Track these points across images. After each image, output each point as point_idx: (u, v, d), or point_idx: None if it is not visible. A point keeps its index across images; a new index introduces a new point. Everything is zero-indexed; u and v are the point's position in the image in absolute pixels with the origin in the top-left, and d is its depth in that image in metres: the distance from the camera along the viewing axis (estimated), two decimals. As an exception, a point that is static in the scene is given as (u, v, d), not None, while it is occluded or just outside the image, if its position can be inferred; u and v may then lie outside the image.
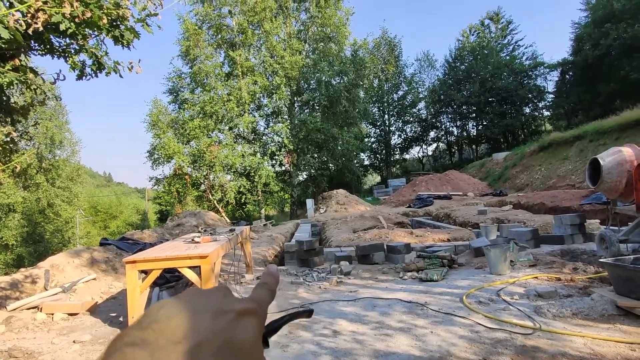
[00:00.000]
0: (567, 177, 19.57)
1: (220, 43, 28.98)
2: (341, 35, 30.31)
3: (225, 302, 0.32)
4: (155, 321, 0.29)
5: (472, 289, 5.00)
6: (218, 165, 25.77)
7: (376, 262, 7.41)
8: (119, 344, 0.26)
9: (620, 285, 4.04)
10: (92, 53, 3.17)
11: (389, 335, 3.74)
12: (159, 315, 0.29)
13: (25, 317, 5.06)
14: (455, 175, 27.27)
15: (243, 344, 0.29)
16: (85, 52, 3.17)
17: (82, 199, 35.98)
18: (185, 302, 0.31)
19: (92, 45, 3.24)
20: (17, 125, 3.94)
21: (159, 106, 27.80)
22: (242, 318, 0.31)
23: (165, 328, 0.28)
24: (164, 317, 0.29)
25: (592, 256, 6.38)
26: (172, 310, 0.30)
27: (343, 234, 11.58)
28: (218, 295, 0.33)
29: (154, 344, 0.26)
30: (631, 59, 26.68)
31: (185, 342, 0.27)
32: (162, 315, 0.29)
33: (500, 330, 3.67)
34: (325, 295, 5.42)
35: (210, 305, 0.31)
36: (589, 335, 3.39)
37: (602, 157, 6.28)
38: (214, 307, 0.31)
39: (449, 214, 15.48)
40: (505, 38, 41.81)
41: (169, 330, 0.28)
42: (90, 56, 3.19)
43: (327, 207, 22.42)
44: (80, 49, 3.17)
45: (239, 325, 0.30)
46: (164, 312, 0.30)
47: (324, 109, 28.94)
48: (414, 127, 46.45)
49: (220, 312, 0.30)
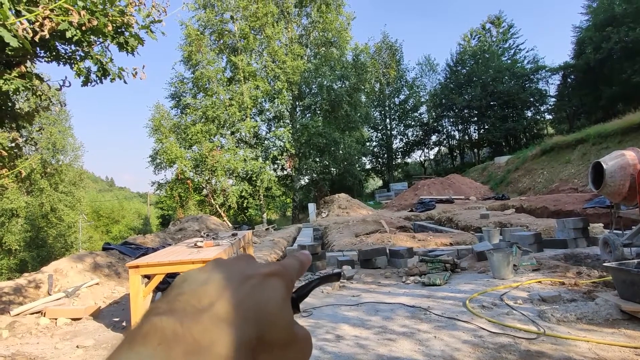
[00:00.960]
0: (569, 180, 19.52)
1: (222, 48, 29.14)
2: (342, 40, 30.43)
3: (249, 268, 0.32)
4: (180, 293, 0.29)
5: (475, 293, 4.98)
6: (220, 169, 25.82)
7: (379, 266, 7.39)
8: (148, 316, 0.26)
9: (624, 289, 4.02)
10: (97, 59, 3.21)
11: (392, 340, 3.73)
12: (183, 287, 0.29)
13: (29, 322, 5.07)
14: (457, 179, 27.23)
15: (269, 304, 0.29)
16: (90, 59, 3.21)
17: (84, 204, 36.09)
18: (209, 272, 0.31)
19: (97, 51, 3.27)
20: (22, 130, 3.97)
21: (161, 111, 27.94)
22: (267, 280, 0.31)
23: (191, 298, 0.28)
24: (189, 289, 0.29)
25: (596, 260, 6.36)
26: (196, 280, 0.30)
27: (345, 238, 11.57)
28: (241, 263, 0.33)
29: (181, 312, 0.27)
30: (633, 62, 26.67)
31: (213, 308, 0.27)
32: (186, 287, 0.29)
33: (504, 334, 3.65)
34: (328, 299, 5.41)
35: (234, 272, 0.31)
36: (593, 340, 3.37)
37: (604, 161, 6.27)
38: (238, 274, 0.31)
39: (451, 217, 15.45)
40: (507, 42, 41.88)
41: (196, 299, 0.28)
42: (95, 63, 3.22)
43: (329, 211, 22.42)
44: (86, 55, 3.20)
45: (264, 287, 0.30)
46: (188, 284, 0.30)
47: (326, 113, 29.01)
48: (415, 131, 46.49)
49: (245, 278, 0.31)
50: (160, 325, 0.25)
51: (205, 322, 0.26)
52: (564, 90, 37.10)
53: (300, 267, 0.37)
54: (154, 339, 0.24)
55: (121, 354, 0.24)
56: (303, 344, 0.32)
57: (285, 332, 0.30)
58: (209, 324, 0.26)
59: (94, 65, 3.26)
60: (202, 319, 0.26)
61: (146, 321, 0.26)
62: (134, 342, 0.24)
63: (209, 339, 0.25)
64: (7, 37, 2.20)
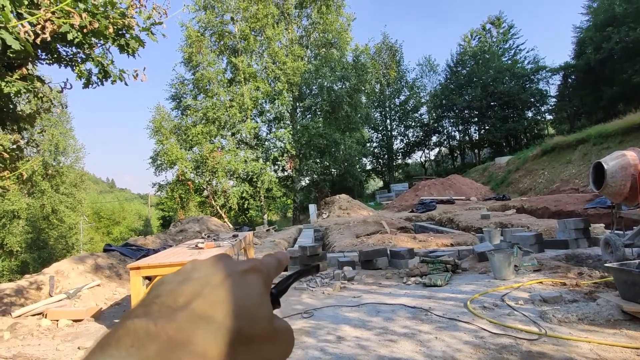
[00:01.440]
0: (570, 181, 19.50)
1: (222, 49, 29.19)
2: (343, 41, 30.46)
3: (226, 266, 0.32)
4: (157, 296, 0.29)
5: (476, 294, 4.98)
6: (221, 171, 25.85)
7: (379, 267, 7.39)
8: (123, 321, 0.26)
9: (626, 290, 4.02)
10: (98, 62, 3.22)
11: (393, 341, 3.72)
12: (160, 290, 0.29)
13: (30, 324, 5.07)
14: (458, 179, 27.22)
15: (247, 299, 0.30)
16: (91, 61, 3.22)
17: (85, 205, 36.15)
18: (187, 273, 0.31)
19: (98, 54, 3.29)
20: (23, 132, 3.98)
21: (162, 112, 27.99)
22: (244, 276, 0.31)
23: (167, 299, 0.28)
24: (165, 291, 0.29)
25: (597, 261, 6.35)
26: (173, 282, 0.30)
27: (346, 239, 11.57)
28: (218, 262, 0.33)
29: (156, 313, 0.26)
30: (634, 63, 26.66)
31: (189, 306, 0.27)
32: (163, 290, 0.29)
33: (505, 335, 3.65)
34: (328, 300, 5.41)
35: (211, 271, 0.31)
36: (595, 341, 3.37)
37: (605, 161, 6.27)
38: (215, 272, 0.31)
39: (452, 218, 15.44)
40: (507, 42, 41.88)
41: (171, 299, 0.28)
42: (96, 65, 3.23)
43: (330, 212, 22.42)
44: (87, 57, 3.21)
45: (242, 283, 0.31)
46: (165, 286, 0.30)
47: (326, 114, 29.03)
48: (416, 131, 46.50)
49: (222, 276, 0.31)
50: (133, 327, 0.25)
51: (181, 320, 0.26)
52: (564, 91, 37.09)
53: (277, 264, 0.38)
54: (127, 340, 0.24)
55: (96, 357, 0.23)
56: (284, 338, 0.32)
57: (265, 326, 0.30)
58: (185, 322, 0.26)
59: (95, 68, 3.27)
60: (177, 318, 0.26)
61: (120, 325, 0.25)
62: (107, 346, 0.24)
63: (185, 336, 0.25)
64: (9, 39, 2.22)
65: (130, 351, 0.23)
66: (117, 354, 0.23)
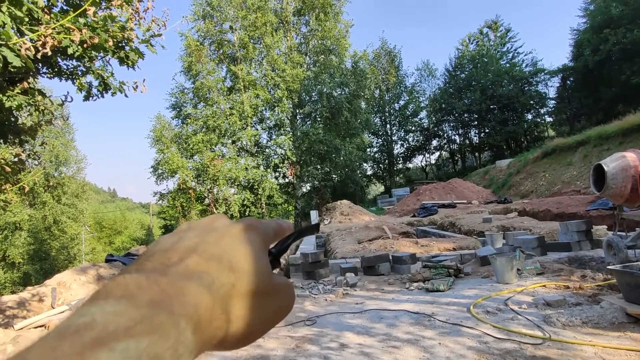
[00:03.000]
0: (572, 182, 19.47)
1: (222, 58, 29.37)
2: (341, 47, 30.63)
3: (222, 224, 0.33)
4: (151, 255, 0.28)
5: (479, 299, 4.96)
6: (222, 178, 25.88)
7: (382, 272, 7.37)
8: (114, 277, 0.25)
9: (629, 292, 4.00)
10: (99, 74, 3.25)
11: (396, 347, 3.71)
12: (154, 250, 0.29)
13: (33, 336, 5.06)
14: (459, 183, 27.18)
15: (244, 254, 0.30)
16: (91, 74, 3.25)
17: (87, 215, 36.17)
18: (182, 233, 0.31)
19: (98, 66, 3.32)
20: (25, 145, 4.01)
21: (162, 122, 28.12)
22: (241, 233, 0.32)
23: (160, 257, 0.28)
24: (159, 250, 0.29)
25: (600, 263, 6.32)
26: (168, 242, 0.30)
27: (348, 245, 11.54)
28: (215, 221, 0.33)
29: (149, 270, 0.26)
30: (632, 64, 26.74)
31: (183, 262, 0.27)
32: (157, 249, 0.29)
33: (509, 340, 3.63)
34: (331, 307, 5.40)
35: (207, 230, 0.31)
36: (599, 344, 3.35)
37: (605, 163, 6.26)
38: (211, 230, 0.31)
39: (454, 222, 15.40)
40: (505, 46, 42.07)
41: (165, 258, 0.28)
42: (96, 77, 3.27)
43: (331, 218, 22.38)
44: (87, 70, 3.25)
45: (239, 239, 0.31)
46: (159, 246, 0.30)
47: (326, 121, 29.11)
48: (416, 136, 46.57)
49: (219, 233, 0.31)
50: (124, 281, 0.24)
51: (174, 275, 0.26)
52: (563, 93, 37.18)
53: (277, 227, 0.38)
54: (117, 292, 0.23)
55: (83, 309, 0.23)
56: (284, 294, 0.32)
57: (262, 281, 0.30)
58: (177, 277, 0.26)
59: (95, 80, 3.30)
60: (171, 273, 0.26)
61: (111, 280, 0.25)
62: (96, 298, 0.23)
63: (178, 289, 0.25)
64: (10, 57, 2.24)
65: (121, 301, 0.23)
66: (105, 303, 0.22)
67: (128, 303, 0.22)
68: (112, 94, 3.38)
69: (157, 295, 0.23)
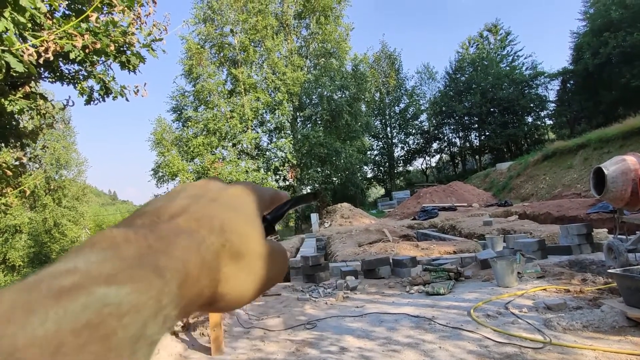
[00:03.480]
0: (572, 185, 19.47)
1: (222, 61, 29.45)
2: (342, 51, 30.73)
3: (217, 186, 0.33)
4: (142, 213, 0.28)
5: (480, 302, 4.95)
6: (222, 181, 25.86)
7: (382, 276, 7.36)
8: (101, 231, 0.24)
9: (629, 296, 4.00)
10: (100, 79, 3.27)
11: (396, 351, 3.70)
12: (146, 209, 0.29)
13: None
14: (460, 186, 27.18)
15: (235, 216, 0.29)
16: (93, 78, 3.27)
17: (87, 218, 36.17)
18: (175, 193, 0.31)
19: (99, 71, 3.34)
20: (26, 149, 4.03)
21: (162, 124, 28.17)
22: (235, 195, 0.32)
23: (151, 215, 0.27)
24: (151, 209, 0.28)
25: (601, 266, 6.31)
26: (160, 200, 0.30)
27: (348, 248, 11.54)
28: (209, 183, 0.33)
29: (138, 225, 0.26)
30: (631, 67, 26.80)
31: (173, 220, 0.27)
32: (149, 208, 0.29)
33: (509, 344, 3.63)
34: (331, 311, 5.39)
35: (201, 191, 0.31)
36: (600, 349, 3.35)
37: (605, 167, 6.27)
38: (205, 191, 0.31)
39: (454, 225, 15.39)
40: (505, 49, 42.19)
41: (155, 216, 0.27)
42: (98, 82, 3.29)
43: (332, 221, 22.37)
44: (89, 75, 3.27)
45: (232, 202, 0.31)
46: (151, 205, 0.29)
47: (326, 124, 29.15)
48: (416, 139, 46.62)
49: (212, 194, 0.31)
50: (111, 235, 0.23)
51: (163, 231, 0.25)
52: (563, 96, 37.24)
53: (274, 193, 0.38)
54: (103, 243, 0.23)
55: (66, 257, 0.22)
56: (276, 257, 0.32)
57: (253, 243, 0.30)
58: (166, 233, 0.25)
59: (97, 84, 3.32)
60: (160, 229, 0.25)
61: (98, 233, 0.24)
62: (81, 249, 0.23)
63: (166, 244, 0.24)
64: (12, 62, 2.26)
65: (106, 251, 0.22)
66: (90, 252, 0.22)
67: (113, 254, 0.22)
68: (113, 98, 3.40)
69: (145, 249, 0.23)
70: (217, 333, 4.09)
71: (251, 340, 4.42)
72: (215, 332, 4.08)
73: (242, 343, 4.37)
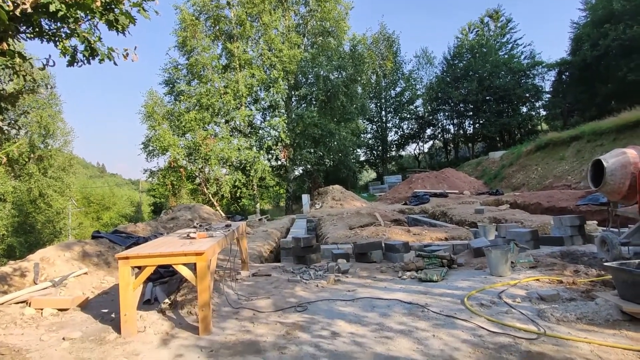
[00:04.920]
0: (563, 177, 19.60)
1: (217, 35, 28.63)
2: (340, 30, 30.07)
3: None
4: None
5: (473, 291, 4.90)
6: (214, 158, 25.54)
7: (374, 260, 7.30)
8: None
9: (625, 289, 3.95)
10: (84, 38, 2.99)
11: (389, 338, 3.63)
12: None
13: (13, 312, 4.89)
14: (452, 173, 27.26)
15: None
16: (76, 37, 2.99)
17: (74, 190, 35.59)
18: None
19: (84, 29, 3.06)
20: (4, 114, 3.76)
21: (154, 97, 27.48)
22: None
23: None
24: None
25: (593, 258, 6.31)
26: None
27: (339, 231, 11.47)
28: None
29: None
30: (629, 60, 26.72)
31: None
32: None
33: (503, 334, 3.57)
34: (322, 294, 5.31)
35: None
36: (595, 342, 3.30)
37: (605, 159, 6.19)
38: None
39: (446, 212, 15.42)
40: (504, 36, 41.77)
41: None
42: (82, 41, 3.01)
43: (323, 202, 22.31)
44: (72, 33, 2.99)
45: None
46: None
47: (322, 104, 28.76)
48: (410, 124, 46.42)
49: None
50: None
51: None
52: (558, 87, 37.19)
53: None
54: None
55: None
56: None
57: None
58: None
59: (81, 44, 3.04)
60: None
61: None
62: None
63: None
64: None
65: None
66: None
67: None
68: (99, 60, 3.13)
69: None
70: (206, 312, 3.96)
71: (240, 321, 4.32)
72: (204, 312, 3.96)
73: (230, 324, 4.26)
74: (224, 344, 3.71)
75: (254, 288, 5.76)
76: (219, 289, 5.35)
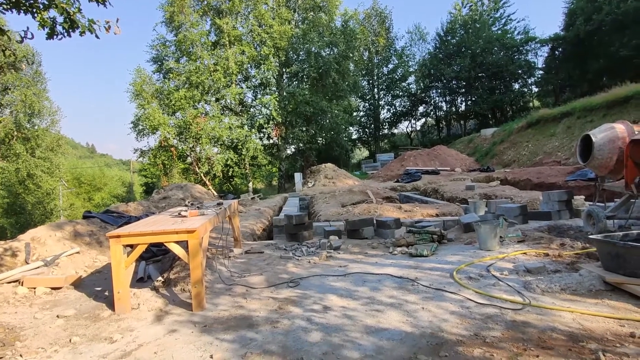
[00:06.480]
0: (553, 153, 19.78)
1: (206, 10, 27.81)
2: (331, 5, 29.38)
3: None
4: None
5: (462, 265, 5.01)
6: (205, 137, 25.27)
7: (365, 236, 7.39)
8: None
9: (608, 261, 4.07)
10: (63, 9, 2.87)
11: (379, 311, 3.71)
12: None
13: (6, 291, 4.90)
14: (444, 150, 27.34)
15: None
16: (55, 8, 2.87)
17: (63, 170, 35.13)
18: None
19: (63, 0, 2.93)
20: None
21: (142, 75, 26.84)
22: None
23: None
24: None
25: (579, 232, 6.45)
26: None
27: (332, 208, 11.54)
28: None
29: None
30: (622, 35, 26.57)
31: None
32: None
33: (490, 305, 3.67)
34: (314, 269, 5.38)
35: None
36: (578, 311, 3.41)
37: (594, 134, 6.25)
38: None
39: (437, 189, 15.56)
40: (498, 11, 41.12)
41: None
42: (61, 12, 2.89)
43: (316, 181, 22.35)
44: (50, 3, 2.86)
45: None
46: None
47: (313, 81, 28.38)
48: (403, 101, 46.07)
49: None
50: None
51: None
52: (551, 63, 36.96)
53: None
54: None
55: None
56: None
57: None
58: None
59: (60, 16, 2.92)
60: None
61: None
62: None
63: None
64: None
65: None
66: None
67: None
68: (80, 33, 3.02)
69: None
70: (199, 289, 4.01)
71: (233, 297, 4.38)
72: (197, 288, 4.00)
73: (223, 300, 4.32)
74: (217, 319, 3.77)
75: (247, 265, 5.82)
76: (212, 267, 5.39)
